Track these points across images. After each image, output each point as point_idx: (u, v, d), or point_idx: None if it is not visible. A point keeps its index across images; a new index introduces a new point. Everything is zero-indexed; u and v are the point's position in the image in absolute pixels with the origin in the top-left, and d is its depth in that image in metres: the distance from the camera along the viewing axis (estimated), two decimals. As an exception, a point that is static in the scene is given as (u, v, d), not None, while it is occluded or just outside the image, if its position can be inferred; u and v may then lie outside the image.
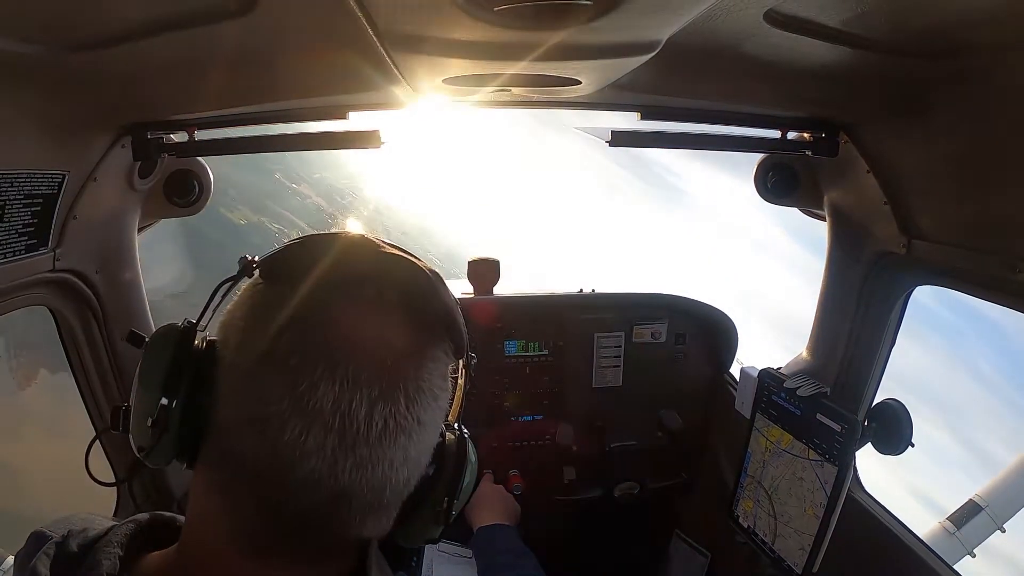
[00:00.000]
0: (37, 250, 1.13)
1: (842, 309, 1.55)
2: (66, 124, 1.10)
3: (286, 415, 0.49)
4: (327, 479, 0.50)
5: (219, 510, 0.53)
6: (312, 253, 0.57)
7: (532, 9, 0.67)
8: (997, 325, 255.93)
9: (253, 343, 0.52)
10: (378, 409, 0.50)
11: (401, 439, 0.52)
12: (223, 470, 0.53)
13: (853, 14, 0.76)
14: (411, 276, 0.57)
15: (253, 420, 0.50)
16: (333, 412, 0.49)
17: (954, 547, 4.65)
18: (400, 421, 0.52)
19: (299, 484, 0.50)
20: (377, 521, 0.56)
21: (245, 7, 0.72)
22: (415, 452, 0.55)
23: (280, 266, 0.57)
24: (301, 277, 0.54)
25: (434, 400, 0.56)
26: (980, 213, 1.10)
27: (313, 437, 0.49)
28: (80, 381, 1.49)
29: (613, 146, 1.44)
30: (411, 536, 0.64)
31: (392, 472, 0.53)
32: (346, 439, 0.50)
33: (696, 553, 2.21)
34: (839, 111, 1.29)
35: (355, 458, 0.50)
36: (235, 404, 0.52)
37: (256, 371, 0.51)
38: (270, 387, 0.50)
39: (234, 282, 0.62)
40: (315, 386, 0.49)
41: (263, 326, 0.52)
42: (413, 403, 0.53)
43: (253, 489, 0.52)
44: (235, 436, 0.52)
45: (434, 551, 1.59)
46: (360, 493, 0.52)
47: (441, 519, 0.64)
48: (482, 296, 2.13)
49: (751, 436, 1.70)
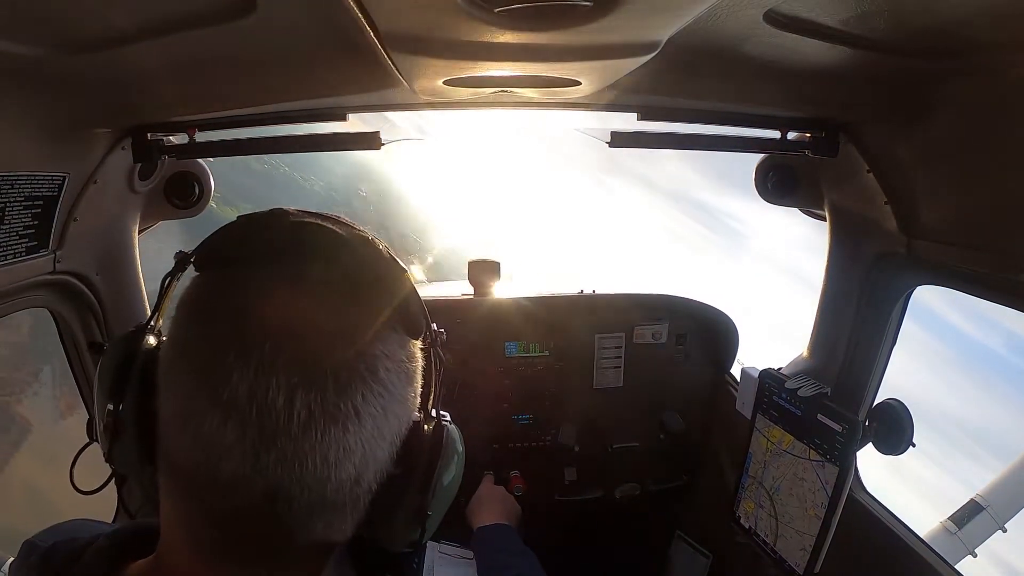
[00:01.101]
0: (37, 252, 1.13)
1: (843, 309, 1.54)
2: (66, 126, 1.10)
3: (204, 408, 0.46)
4: (253, 476, 0.46)
5: (173, 515, 0.52)
6: (234, 236, 0.54)
7: (532, 10, 0.67)
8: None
9: (173, 336, 0.50)
10: (299, 396, 0.45)
11: (332, 431, 0.47)
12: (165, 473, 0.51)
13: (853, 14, 0.76)
14: (338, 246, 0.51)
15: (177, 416, 0.48)
16: (249, 401, 0.45)
17: (955, 547, 4.65)
18: (329, 410, 0.46)
19: (226, 482, 0.46)
20: (327, 522, 0.51)
21: (245, 9, 0.72)
22: (358, 444, 0.49)
23: (207, 253, 0.54)
24: (224, 262, 0.52)
25: (383, 387, 0.50)
26: (981, 212, 1.10)
27: (231, 430, 0.45)
28: (81, 384, 1.49)
29: (613, 147, 1.44)
30: (391, 538, 0.59)
31: (328, 468, 0.47)
32: (265, 431, 0.45)
33: (697, 554, 2.20)
34: (839, 111, 1.29)
35: (278, 452, 0.45)
36: (165, 403, 0.50)
37: (175, 364, 0.49)
38: (187, 379, 0.47)
39: (172, 277, 0.60)
40: (228, 374, 0.45)
41: (184, 318, 0.50)
42: (346, 389, 0.47)
43: (187, 490, 0.49)
44: (169, 436, 0.49)
45: (435, 552, 1.58)
46: (297, 491, 0.47)
47: (418, 519, 0.58)
48: (483, 297, 2.13)
49: (752, 437, 1.70)
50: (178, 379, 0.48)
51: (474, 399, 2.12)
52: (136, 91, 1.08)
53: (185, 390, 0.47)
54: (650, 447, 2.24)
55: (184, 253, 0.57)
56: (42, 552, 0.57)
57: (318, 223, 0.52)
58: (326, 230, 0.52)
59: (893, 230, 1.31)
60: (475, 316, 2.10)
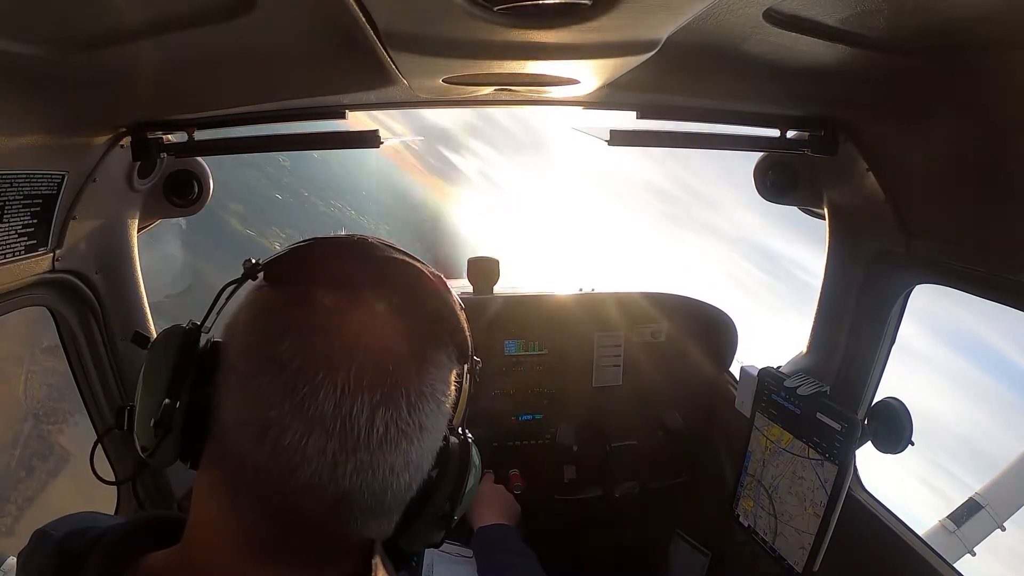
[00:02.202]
0: (37, 251, 1.13)
1: (842, 308, 1.55)
2: (65, 124, 1.10)
3: (287, 420, 0.49)
4: (328, 484, 0.50)
5: (221, 512, 0.53)
6: (316, 256, 0.57)
7: (532, 8, 0.67)
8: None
9: (255, 346, 0.52)
10: (380, 414, 0.50)
11: (403, 444, 0.52)
12: (224, 472, 0.53)
13: (853, 13, 0.76)
14: (414, 280, 0.57)
15: (254, 423, 0.50)
16: (334, 417, 0.49)
17: (954, 545, 4.65)
18: (402, 426, 0.52)
19: (300, 488, 0.50)
20: (379, 525, 0.56)
21: (245, 7, 0.72)
22: (417, 457, 0.54)
23: (283, 269, 0.57)
24: (304, 280, 0.54)
25: (437, 405, 0.56)
26: (980, 211, 1.10)
27: (313, 442, 0.49)
28: (80, 382, 1.49)
29: (612, 145, 1.44)
30: (414, 540, 0.64)
31: (393, 477, 0.52)
32: (347, 444, 0.49)
33: (696, 552, 2.21)
34: (838, 110, 1.29)
35: (356, 463, 0.50)
36: (237, 407, 0.52)
37: (257, 375, 0.51)
38: (271, 391, 0.50)
39: (239, 284, 0.62)
40: (316, 391, 0.49)
41: (265, 329, 0.52)
42: (415, 408, 0.53)
43: (254, 492, 0.51)
44: (236, 439, 0.52)
45: (434, 552, 1.59)
46: (361, 497, 0.51)
47: (443, 523, 0.64)
48: (482, 295, 2.13)
49: (751, 435, 1.70)
50: (260, 390, 0.50)
51: (473, 398, 2.12)
52: (135, 89, 1.08)
53: (268, 401, 0.50)
54: (649, 445, 2.24)
55: (253, 263, 0.59)
56: (57, 540, 0.58)
57: (403, 259, 0.58)
58: (407, 264, 0.58)
59: (892, 229, 1.31)
60: (474, 314, 2.10)
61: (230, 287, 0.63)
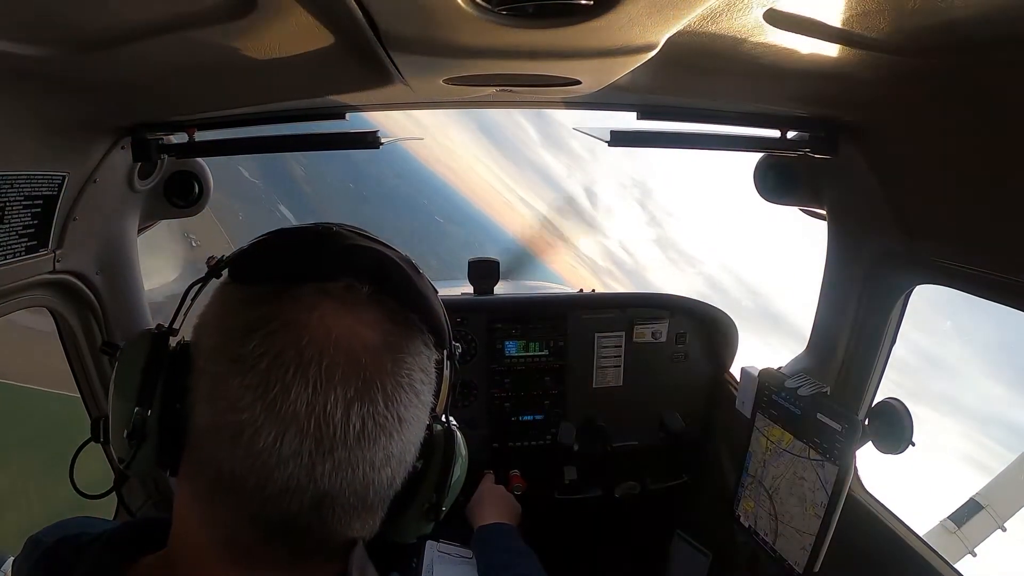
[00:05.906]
0: (37, 251, 1.13)
1: (842, 308, 1.55)
2: (66, 126, 1.10)
3: (259, 421, 0.47)
4: (307, 485, 0.48)
5: (201, 518, 0.52)
6: (279, 249, 0.55)
7: (533, 9, 0.67)
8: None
9: (222, 347, 0.50)
10: (355, 409, 0.48)
11: (381, 439, 0.50)
12: (202, 479, 0.52)
13: (853, 14, 0.76)
14: (382, 267, 0.55)
15: (227, 427, 0.48)
16: (308, 416, 0.47)
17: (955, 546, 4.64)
18: (379, 420, 0.50)
19: (278, 492, 0.48)
20: (363, 522, 0.54)
21: (245, 9, 0.72)
22: (398, 450, 0.53)
23: (247, 264, 0.55)
24: (268, 275, 0.53)
25: (416, 395, 0.54)
26: (980, 211, 1.10)
27: (288, 443, 0.47)
28: (80, 382, 1.49)
29: (612, 146, 1.44)
30: (402, 532, 0.63)
31: (374, 473, 0.51)
32: (323, 443, 0.48)
33: (697, 553, 2.21)
34: (839, 110, 1.29)
35: (334, 461, 0.48)
36: (208, 411, 0.50)
37: (227, 376, 0.49)
38: (241, 392, 0.48)
39: (204, 284, 0.60)
40: (287, 390, 0.47)
41: (232, 329, 0.50)
42: (392, 400, 0.51)
43: (231, 497, 0.50)
44: (210, 444, 0.50)
45: (435, 552, 1.58)
46: (343, 497, 0.50)
47: (431, 515, 0.63)
48: (483, 296, 2.14)
49: (752, 436, 1.70)
50: (230, 392, 0.48)
51: (474, 398, 2.12)
52: (136, 90, 1.08)
53: (239, 403, 0.48)
54: (650, 446, 2.24)
55: (217, 259, 0.57)
56: (48, 547, 0.57)
57: (369, 246, 0.55)
58: (374, 251, 0.55)
59: (892, 229, 1.31)
60: (475, 315, 2.10)
61: (195, 287, 0.61)
